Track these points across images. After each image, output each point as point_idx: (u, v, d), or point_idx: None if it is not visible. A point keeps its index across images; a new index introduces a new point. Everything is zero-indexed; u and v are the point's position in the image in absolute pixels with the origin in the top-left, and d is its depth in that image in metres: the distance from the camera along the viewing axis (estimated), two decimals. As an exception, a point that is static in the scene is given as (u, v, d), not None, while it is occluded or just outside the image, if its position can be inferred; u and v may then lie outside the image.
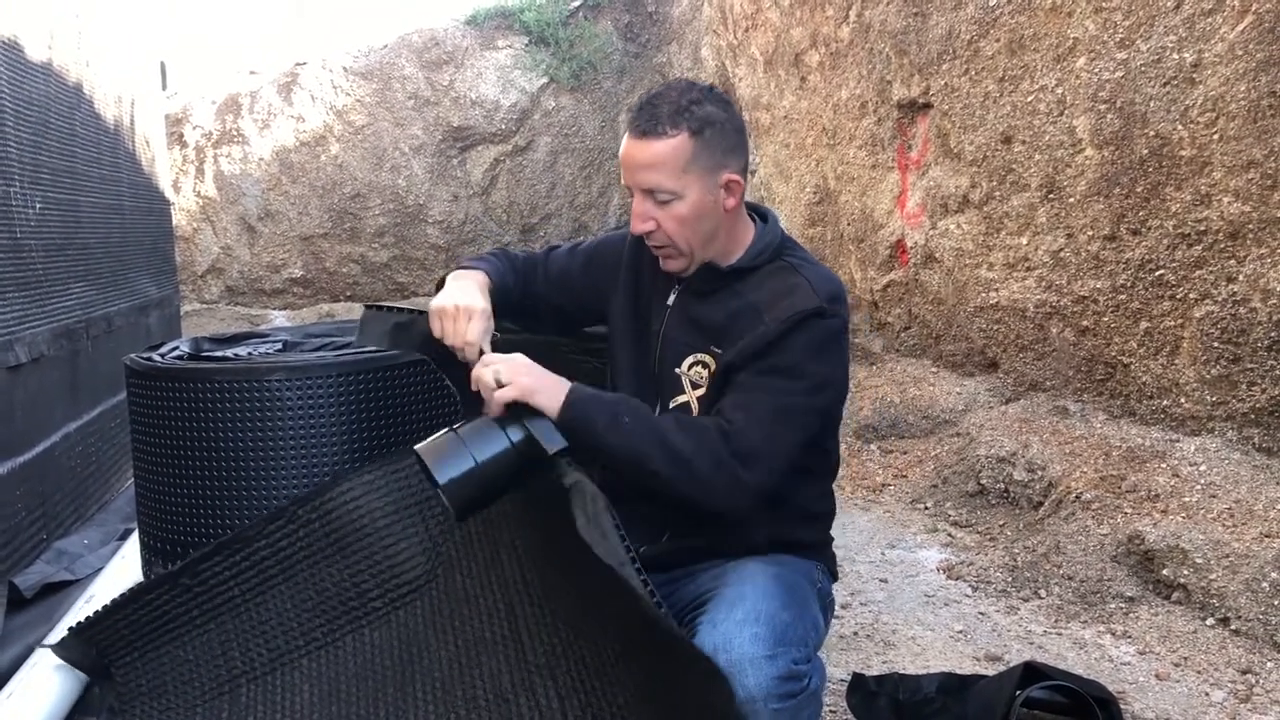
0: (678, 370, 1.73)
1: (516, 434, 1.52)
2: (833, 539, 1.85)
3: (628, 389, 1.79)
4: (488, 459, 1.50)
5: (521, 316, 1.94)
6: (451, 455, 1.50)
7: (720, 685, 1.29)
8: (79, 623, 1.96)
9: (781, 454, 1.59)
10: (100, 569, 2.80)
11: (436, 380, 2.02)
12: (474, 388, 1.57)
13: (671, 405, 1.72)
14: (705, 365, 1.70)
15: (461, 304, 1.66)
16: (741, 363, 1.63)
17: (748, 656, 1.42)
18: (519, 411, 1.54)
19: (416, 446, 1.53)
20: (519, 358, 1.57)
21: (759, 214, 1.79)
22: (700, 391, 1.70)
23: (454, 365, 1.74)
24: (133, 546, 2.67)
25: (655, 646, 1.42)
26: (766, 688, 1.40)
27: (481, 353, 1.63)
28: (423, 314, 1.74)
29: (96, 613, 1.94)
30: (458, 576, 1.84)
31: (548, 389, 1.54)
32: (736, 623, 1.46)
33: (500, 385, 1.52)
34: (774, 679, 1.41)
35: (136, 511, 2.18)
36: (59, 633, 2.12)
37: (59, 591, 2.76)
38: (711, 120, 1.63)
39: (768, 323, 1.62)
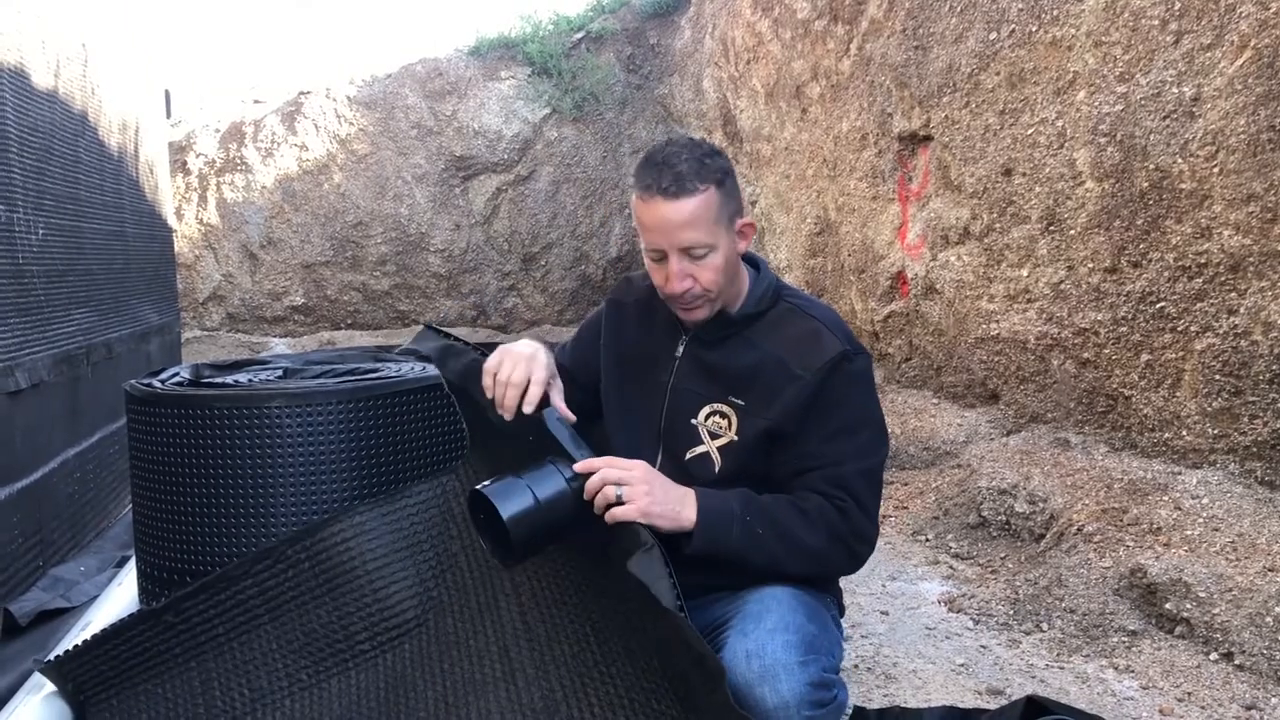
0: (693, 421, 1.72)
1: (568, 472, 1.54)
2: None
3: (629, 444, 1.78)
4: (548, 498, 1.51)
5: None
6: (513, 492, 1.51)
7: None
8: (56, 657, 1.93)
9: (877, 515, 1.67)
10: (96, 596, 2.78)
11: (438, 408, 2.02)
12: (588, 494, 1.52)
13: (688, 457, 1.71)
14: (724, 415, 1.70)
15: (525, 353, 1.66)
16: (797, 427, 1.64)
17: (781, 662, 1.43)
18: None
19: (478, 486, 1.53)
20: (639, 470, 1.53)
21: (747, 259, 1.81)
22: (721, 441, 1.69)
23: (472, 403, 1.75)
24: (129, 574, 2.66)
25: (688, 701, 1.41)
26: (800, 694, 1.41)
27: (546, 400, 1.63)
28: (480, 353, 1.76)
29: (75, 648, 1.91)
30: (449, 620, 1.82)
31: (670, 514, 1.52)
32: (767, 630, 1.48)
33: (620, 502, 1.50)
34: (807, 685, 1.42)
35: (134, 539, 2.17)
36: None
37: (55, 619, 2.74)
38: (728, 170, 1.68)
39: (800, 373, 1.64)
